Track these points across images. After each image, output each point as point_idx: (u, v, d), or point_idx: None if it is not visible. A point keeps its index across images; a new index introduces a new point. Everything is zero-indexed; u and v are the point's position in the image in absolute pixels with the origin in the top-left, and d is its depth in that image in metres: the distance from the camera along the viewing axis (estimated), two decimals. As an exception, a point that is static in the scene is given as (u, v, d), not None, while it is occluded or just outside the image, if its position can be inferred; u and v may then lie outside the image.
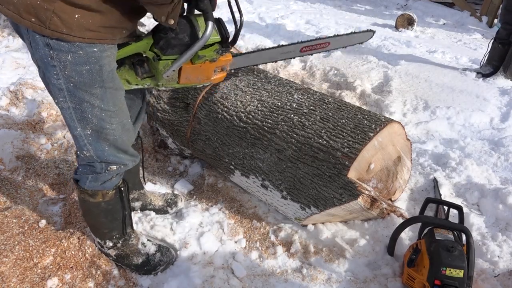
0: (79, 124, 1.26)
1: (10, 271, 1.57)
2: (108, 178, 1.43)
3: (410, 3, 6.16)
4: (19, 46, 3.61)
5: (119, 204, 1.53)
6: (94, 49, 1.13)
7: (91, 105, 1.22)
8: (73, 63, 1.13)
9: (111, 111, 1.27)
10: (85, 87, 1.18)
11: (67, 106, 1.22)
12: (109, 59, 1.20)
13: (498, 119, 2.81)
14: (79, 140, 1.31)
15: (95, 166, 1.38)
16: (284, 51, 2.03)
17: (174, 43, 1.31)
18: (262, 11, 5.24)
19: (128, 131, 1.39)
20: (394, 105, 2.87)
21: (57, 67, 1.14)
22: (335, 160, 1.63)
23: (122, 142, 1.37)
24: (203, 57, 1.37)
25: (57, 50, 1.11)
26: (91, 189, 1.44)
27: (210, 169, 2.24)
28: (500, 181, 2.20)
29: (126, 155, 1.42)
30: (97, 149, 1.33)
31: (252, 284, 1.63)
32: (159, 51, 1.33)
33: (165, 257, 1.67)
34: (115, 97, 1.26)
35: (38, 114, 2.57)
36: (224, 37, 1.36)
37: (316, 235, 1.81)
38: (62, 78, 1.16)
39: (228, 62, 1.48)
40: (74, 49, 1.11)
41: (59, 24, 1.06)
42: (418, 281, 1.50)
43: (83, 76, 1.16)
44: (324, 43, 2.14)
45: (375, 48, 3.97)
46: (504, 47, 3.31)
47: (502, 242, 1.79)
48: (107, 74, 1.20)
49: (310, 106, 1.84)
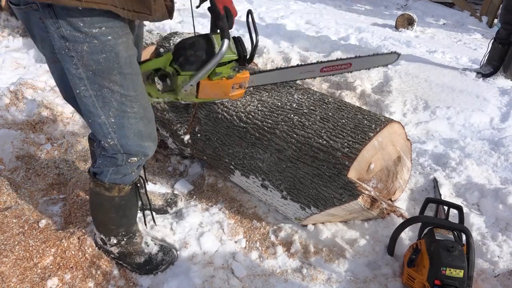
0: (102, 111, 1.27)
1: (10, 271, 1.57)
2: (129, 172, 1.44)
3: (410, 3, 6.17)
4: (19, 46, 3.62)
5: (132, 200, 1.54)
6: (108, 37, 1.15)
7: (111, 91, 1.24)
8: (89, 53, 1.15)
9: (131, 96, 1.28)
10: (104, 74, 1.20)
11: (88, 95, 1.23)
12: (125, 45, 1.21)
13: (498, 119, 2.81)
14: (103, 128, 1.31)
15: (117, 157, 1.39)
16: (304, 70, 1.99)
17: (192, 59, 1.38)
18: (262, 11, 5.25)
19: (149, 113, 1.40)
20: (394, 105, 2.87)
21: (75, 57, 1.15)
22: (335, 160, 1.63)
23: (145, 126, 1.38)
24: (220, 73, 1.44)
25: (73, 42, 1.12)
26: (111, 182, 1.45)
27: (210, 169, 2.24)
28: (500, 181, 2.21)
29: (149, 142, 1.42)
30: (121, 137, 1.33)
31: (252, 284, 1.63)
32: (178, 67, 1.41)
33: (167, 257, 1.67)
34: (134, 82, 1.28)
35: (38, 114, 2.57)
36: (241, 55, 1.42)
37: (316, 235, 1.81)
38: (81, 68, 1.18)
39: (245, 80, 1.53)
40: (89, 39, 1.12)
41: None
42: (418, 281, 1.50)
43: (101, 64, 1.17)
44: (346, 64, 2.07)
45: (375, 48, 3.97)
46: (504, 47, 3.32)
47: (502, 242, 1.79)
48: (124, 60, 1.21)
49: (310, 106, 1.84)
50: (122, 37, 1.19)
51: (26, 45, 3.57)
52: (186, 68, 1.40)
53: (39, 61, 3.37)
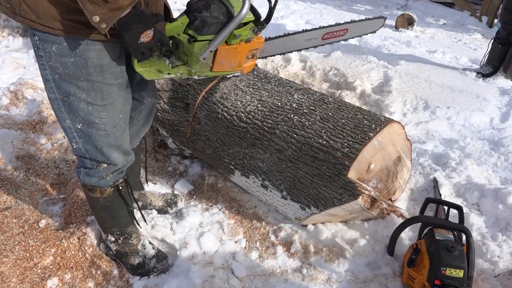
0: (68, 116, 1.24)
1: (10, 271, 1.57)
2: (102, 176, 1.40)
3: (410, 3, 6.17)
4: (19, 46, 3.61)
5: (118, 202, 1.51)
6: (79, 42, 1.10)
7: (77, 98, 1.20)
8: (58, 54, 1.11)
9: (99, 105, 1.23)
10: (70, 79, 1.16)
11: (54, 97, 1.21)
12: (98, 53, 1.15)
13: (498, 119, 2.81)
14: (68, 132, 1.29)
15: (85, 162, 1.36)
16: (308, 37, 2.13)
17: (210, 21, 1.24)
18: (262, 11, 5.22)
19: (120, 128, 1.35)
20: (394, 105, 2.87)
21: (43, 57, 1.13)
22: (335, 160, 1.63)
23: (115, 138, 1.34)
24: (239, 36, 1.33)
25: (43, 41, 1.09)
26: (87, 184, 1.43)
27: (210, 169, 2.24)
28: (500, 181, 2.20)
29: (118, 154, 1.38)
30: (86, 143, 1.30)
31: (252, 284, 1.63)
32: (194, 32, 1.25)
33: (159, 265, 1.65)
34: (103, 91, 1.22)
35: (38, 114, 2.57)
36: (257, 15, 1.33)
37: (316, 235, 1.81)
38: (48, 69, 1.15)
39: (260, 45, 1.45)
40: (59, 40, 1.08)
41: (27, 11, 1.03)
42: (418, 281, 1.50)
43: (68, 68, 1.13)
44: (343, 29, 2.34)
45: (375, 48, 3.97)
46: (504, 47, 3.31)
47: (502, 242, 1.79)
48: (94, 68, 1.16)
49: (310, 106, 1.84)
50: (96, 44, 1.13)
51: (26, 45, 3.56)
52: (204, 31, 1.24)
53: (39, 61, 3.37)
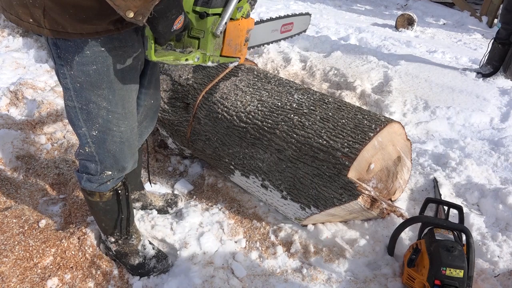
0: (85, 123, 1.23)
1: (10, 271, 1.57)
2: (103, 182, 1.41)
3: (410, 3, 6.17)
4: (19, 46, 3.61)
5: (117, 205, 1.51)
6: (101, 49, 1.10)
7: (98, 106, 1.19)
8: (79, 63, 1.10)
9: (119, 113, 1.24)
10: (91, 87, 1.15)
11: (72, 105, 1.20)
12: (119, 58, 1.15)
13: (498, 119, 2.81)
14: (82, 138, 1.28)
15: (90, 167, 1.36)
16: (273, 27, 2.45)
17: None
18: (262, 11, 5.25)
19: (136, 134, 1.36)
20: (394, 105, 2.87)
21: (64, 66, 1.12)
22: (335, 160, 1.63)
23: (129, 146, 1.34)
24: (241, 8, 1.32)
25: (64, 50, 1.09)
26: (87, 189, 1.43)
27: (210, 169, 2.24)
28: (500, 181, 2.20)
29: (130, 158, 1.39)
30: (99, 148, 1.30)
31: (252, 284, 1.63)
32: (202, 8, 1.21)
33: (159, 265, 1.65)
34: (124, 99, 1.23)
35: (38, 114, 2.57)
36: None
37: (316, 235, 1.81)
38: (69, 78, 1.14)
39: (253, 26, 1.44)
40: (81, 48, 1.08)
41: (53, 22, 1.02)
42: (418, 281, 1.50)
43: (90, 76, 1.13)
44: (289, 23, 2.67)
45: (375, 48, 3.98)
46: (504, 47, 3.31)
47: (502, 242, 1.79)
48: (115, 74, 1.16)
49: (310, 106, 1.84)
50: (118, 49, 1.13)
51: (26, 45, 3.57)
52: (213, 4, 1.21)
53: (39, 61, 3.37)
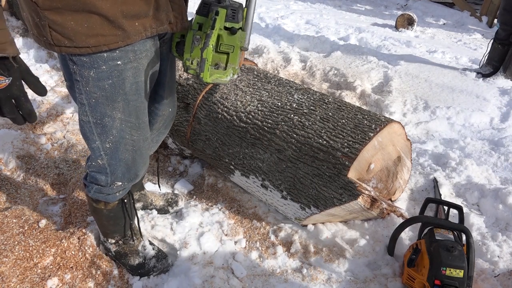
0: (99, 137, 1.23)
1: (10, 271, 1.57)
2: (113, 192, 1.42)
3: (410, 3, 6.17)
4: (19, 46, 3.61)
5: (121, 213, 1.53)
6: (117, 62, 1.08)
7: (113, 119, 1.19)
8: (95, 79, 1.09)
9: (133, 123, 1.24)
10: (107, 101, 1.15)
11: (87, 120, 1.20)
12: (134, 71, 1.14)
13: (498, 119, 2.81)
14: (96, 152, 1.27)
15: (100, 179, 1.36)
16: None
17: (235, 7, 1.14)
18: (262, 11, 5.25)
19: (149, 144, 1.37)
20: (394, 105, 2.87)
21: (80, 82, 1.11)
22: (335, 160, 1.63)
23: (141, 155, 1.34)
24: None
25: (80, 66, 1.07)
26: (95, 198, 1.44)
27: (210, 169, 2.24)
28: (500, 181, 2.20)
29: (143, 168, 1.39)
30: (111, 159, 1.29)
31: (252, 284, 1.63)
32: (231, 23, 1.14)
33: (159, 265, 1.65)
34: (138, 110, 1.23)
35: (38, 114, 2.57)
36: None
37: (316, 235, 1.81)
38: (84, 94, 1.13)
39: None
40: (97, 64, 1.06)
41: (59, 38, 1.00)
42: (418, 281, 1.50)
43: (106, 90, 1.12)
44: None
45: (375, 48, 3.98)
46: (504, 47, 3.31)
47: (502, 242, 1.79)
48: (130, 86, 1.16)
49: (310, 106, 1.84)
50: (133, 62, 1.12)
51: (26, 45, 3.56)
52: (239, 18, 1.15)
53: (39, 61, 3.37)
